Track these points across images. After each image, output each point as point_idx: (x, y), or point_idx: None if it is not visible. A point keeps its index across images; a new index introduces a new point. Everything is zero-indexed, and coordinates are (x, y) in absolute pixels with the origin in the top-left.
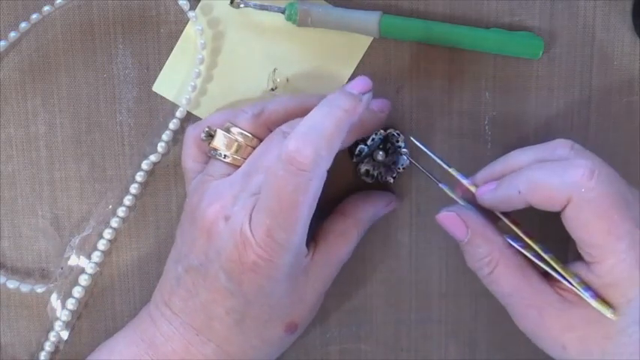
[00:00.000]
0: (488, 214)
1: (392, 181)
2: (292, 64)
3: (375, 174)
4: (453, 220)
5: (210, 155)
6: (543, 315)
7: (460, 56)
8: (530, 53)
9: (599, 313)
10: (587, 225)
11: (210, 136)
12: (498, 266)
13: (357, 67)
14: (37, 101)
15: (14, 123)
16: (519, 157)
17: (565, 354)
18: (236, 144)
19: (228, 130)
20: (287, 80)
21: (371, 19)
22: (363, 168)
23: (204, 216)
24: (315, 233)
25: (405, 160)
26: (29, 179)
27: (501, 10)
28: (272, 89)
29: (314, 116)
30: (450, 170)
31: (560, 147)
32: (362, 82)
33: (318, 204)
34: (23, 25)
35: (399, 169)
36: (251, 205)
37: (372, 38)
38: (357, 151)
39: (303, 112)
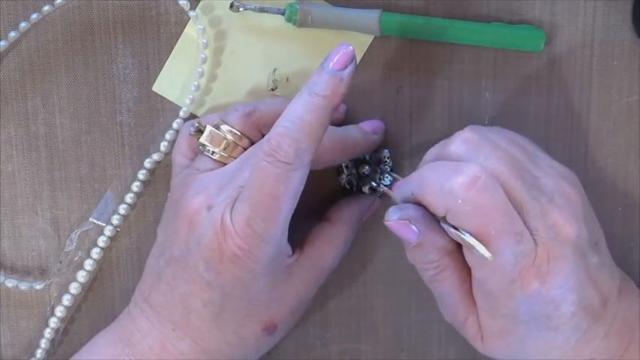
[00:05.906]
0: None
1: (392, 178)
2: (292, 64)
3: (377, 183)
4: (402, 226)
5: (198, 151)
6: (464, 313)
7: (460, 55)
8: (532, 45)
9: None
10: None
11: (200, 131)
12: (445, 270)
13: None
14: (37, 101)
15: (14, 123)
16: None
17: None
18: (224, 141)
19: (218, 127)
20: (287, 80)
21: (371, 16)
22: (367, 188)
23: (188, 206)
24: (302, 239)
25: (385, 152)
26: (29, 179)
27: (501, 10)
28: (272, 89)
29: (294, 108)
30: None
31: (455, 142)
32: (343, 56)
33: (305, 211)
34: (23, 25)
35: (386, 167)
36: (234, 196)
37: (371, 38)
38: (347, 186)
39: None
